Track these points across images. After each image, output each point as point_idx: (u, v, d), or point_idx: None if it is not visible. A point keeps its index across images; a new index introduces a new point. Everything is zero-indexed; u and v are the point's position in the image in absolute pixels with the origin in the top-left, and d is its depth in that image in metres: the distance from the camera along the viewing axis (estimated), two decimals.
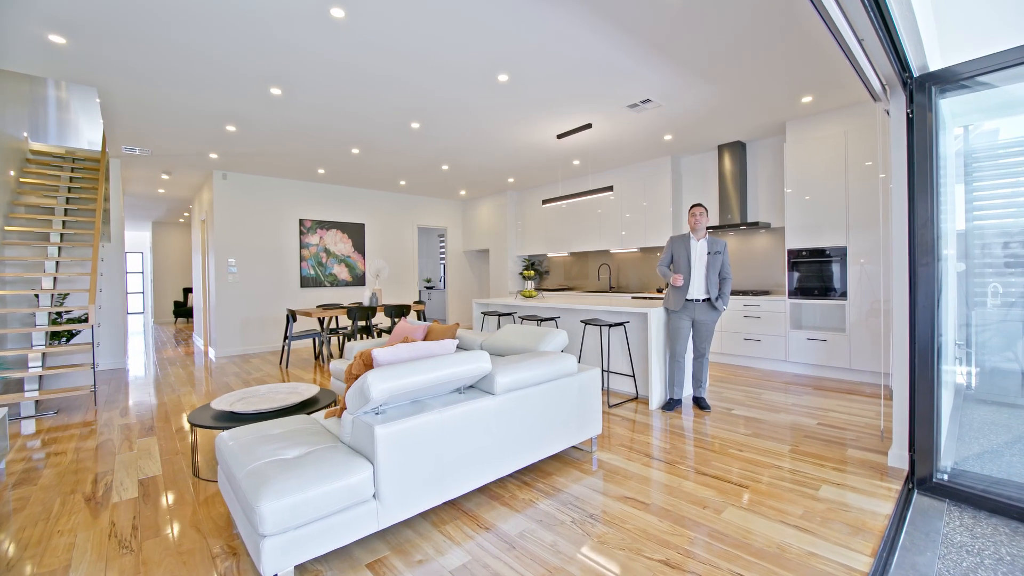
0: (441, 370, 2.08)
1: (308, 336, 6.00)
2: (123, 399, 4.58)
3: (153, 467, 2.90)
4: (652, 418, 3.60)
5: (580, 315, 4.67)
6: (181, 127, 4.85)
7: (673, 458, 2.81)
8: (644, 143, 5.73)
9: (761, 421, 3.46)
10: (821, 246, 4.80)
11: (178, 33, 3.07)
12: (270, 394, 3.22)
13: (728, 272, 3.71)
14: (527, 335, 3.10)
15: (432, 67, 3.59)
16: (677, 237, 3.82)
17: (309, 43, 3.22)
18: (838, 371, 4.74)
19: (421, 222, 9.19)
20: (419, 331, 3.63)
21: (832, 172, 4.71)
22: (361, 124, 4.85)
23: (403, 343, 2.41)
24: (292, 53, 3.35)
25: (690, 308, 3.71)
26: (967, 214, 3.30)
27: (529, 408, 2.42)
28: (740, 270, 5.93)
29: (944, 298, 2.64)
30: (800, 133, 4.94)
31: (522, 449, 2.40)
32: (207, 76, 3.69)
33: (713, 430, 3.29)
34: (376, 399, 1.89)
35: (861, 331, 4.53)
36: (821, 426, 3.33)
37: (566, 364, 2.65)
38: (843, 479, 2.50)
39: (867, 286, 4.50)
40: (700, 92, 4.16)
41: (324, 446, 2.01)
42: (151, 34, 3.08)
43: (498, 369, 2.34)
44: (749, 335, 5.32)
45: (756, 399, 4.04)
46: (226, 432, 2.27)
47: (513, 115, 4.65)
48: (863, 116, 4.52)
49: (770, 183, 5.62)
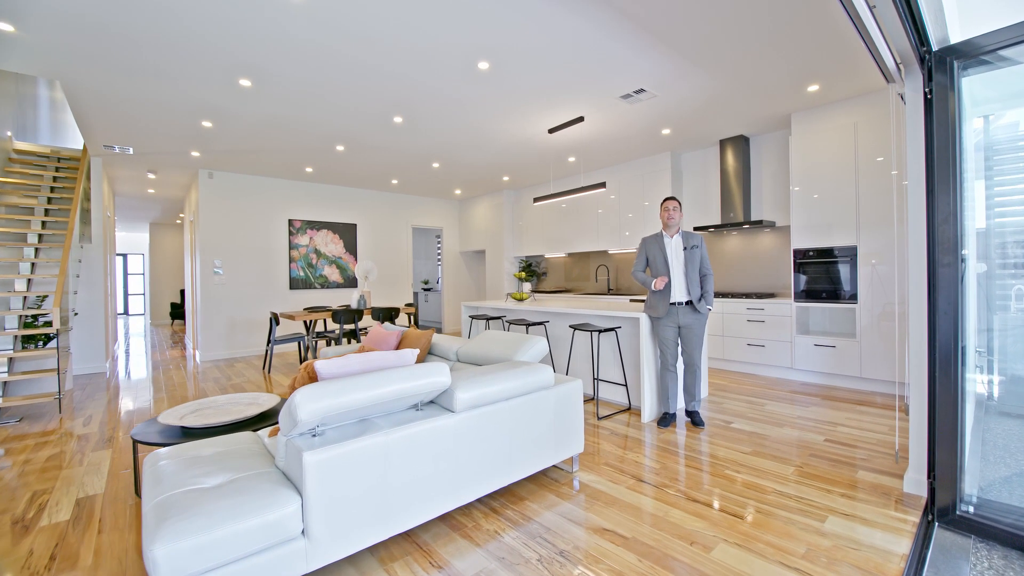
0: (387, 386, 1.83)
1: (292, 340, 5.79)
2: (93, 406, 4.39)
3: (97, 484, 2.68)
4: (644, 432, 3.32)
5: (570, 319, 4.40)
6: (155, 123, 4.65)
7: (663, 480, 2.54)
8: (641, 138, 5.45)
9: (763, 437, 3.16)
10: (829, 246, 4.49)
11: (137, 18, 2.85)
12: (228, 405, 2.98)
13: (708, 268, 3.42)
14: (505, 343, 2.84)
15: (407, 54, 3.35)
16: (649, 237, 3.54)
17: (275, 29, 2.99)
18: (848, 379, 4.42)
19: (416, 222, 8.97)
20: (392, 337, 3.38)
21: (841, 166, 4.40)
22: (341, 118, 4.63)
23: (355, 353, 2.17)
24: (259, 40, 3.12)
25: (674, 313, 3.42)
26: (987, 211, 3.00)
27: (496, 426, 2.16)
28: (743, 271, 5.62)
29: (967, 302, 2.34)
30: (806, 125, 4.64)
31: (488, 473, 2.14)
32: (173, 67, 3.48)
33: (710, 447, 3.01)
34: (305, 421, 1.64)
35: (873, 337, 4.22)
36: (829, 443, 3.03)
37: (541, 376, 2.39)
38: (852, 508, 2.20)
39: (880, 288, 4.19)
40: (696, 80, 3.88)
41: (254, 472, 1.77)
42: (108, 20, 2.86)
43: (458, 383, 2.08)
44: (752, 340, 5.02)
45: (758, 411, 3.75)
46: (163, 450, 2.04)
47: (499, 107, 4.39)
48: (874, 106, 4.21)
49: (775, 179, 5.31)
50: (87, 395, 4.87)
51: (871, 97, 4.23)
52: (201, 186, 6.63)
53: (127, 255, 16.01)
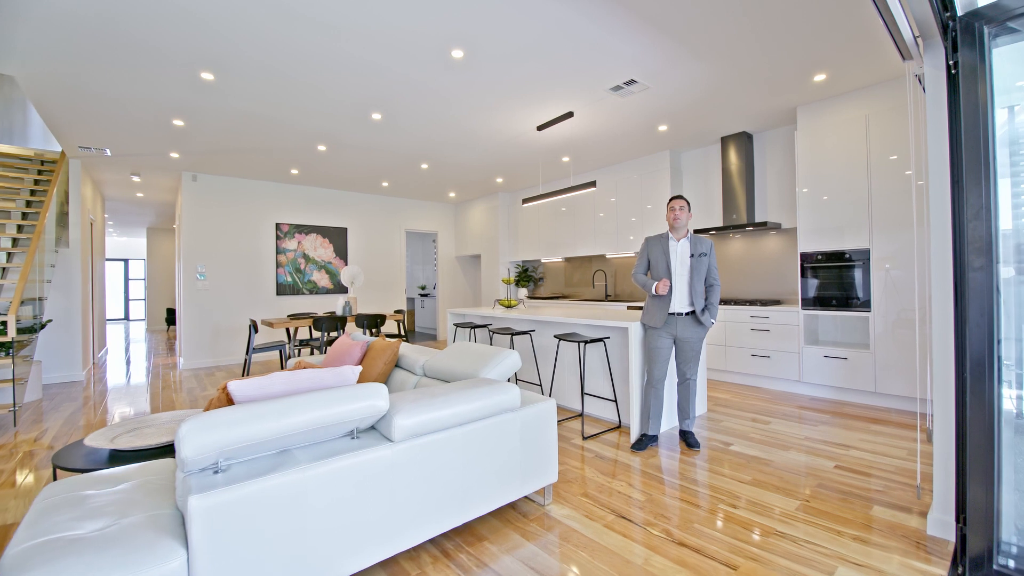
0: (302, 413, 1.54)
1: (273, 348, 5.54)
2: (54, 419, 4.15)
3: (15, 512, 2.42)
4: (632, 455, 2.99)
5: (556, 328, 4.09)
6: (123, 121, 4.45)
7: (647, 516, 2.22)
8: (637, 135, 5.15)
9: (765, 462, 2.83)
10: (840, 249, 4.14)
11: (86, 6, 2.62)
12: (171, 423, 2.72)
13: (716, 277, 3.09)
14: (472, 357, 2.54)
15: (377, 42, 3.09)
16: (653, 238, 3.22)
17: (233, 17, 2.75)
18: (861, 394, 4.05)
19: (409, 226, 8.72)
20: (357, 348, 3.10)
21: (852, 163, 4.06)
22: (316, 116, 4.38)
23: (281, 372, 1.89)
24: (217, 30, 2.88)
25: (672, 324, 3.09)
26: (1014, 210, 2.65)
27: (446, 457, 1.86)
28: (747, 276, 5.28)
29: (1001, 310, 2.01)
30: (813, 120, 4.31)
31: (436, 511, 1.84)
32: (128, 58, 3.25)
33: (705, 474, 2.68)
34: (193, 459, 1.36)
35: (888, 348, 3.86)
36: (840, 470, 2.68)
37: (504, 397, 2.09)
38: (867, 555, 1.87)
39: (895, 295, 3.83)
40: (691, 70, 3.58)
41: (144, 515, 1.48)
42: (55, 8, 2.64)
43: (399, 407, 1.79)
44: (757, 351, 4.67)
45: (762, 430, 3.40)
46: (62, 482, 1.77)
47: (481, 101, 4.12)
48: (887, 96, 3.87)
49: (780, 178, 4.98)
50: (53, 406, 4.64)
51: (884, 87, 3.89)
52: (184, 189, 6.44)
53: (128, 260, 16.00)
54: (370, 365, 2.97)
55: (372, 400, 1.70)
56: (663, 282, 3.02)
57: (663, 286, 3.01)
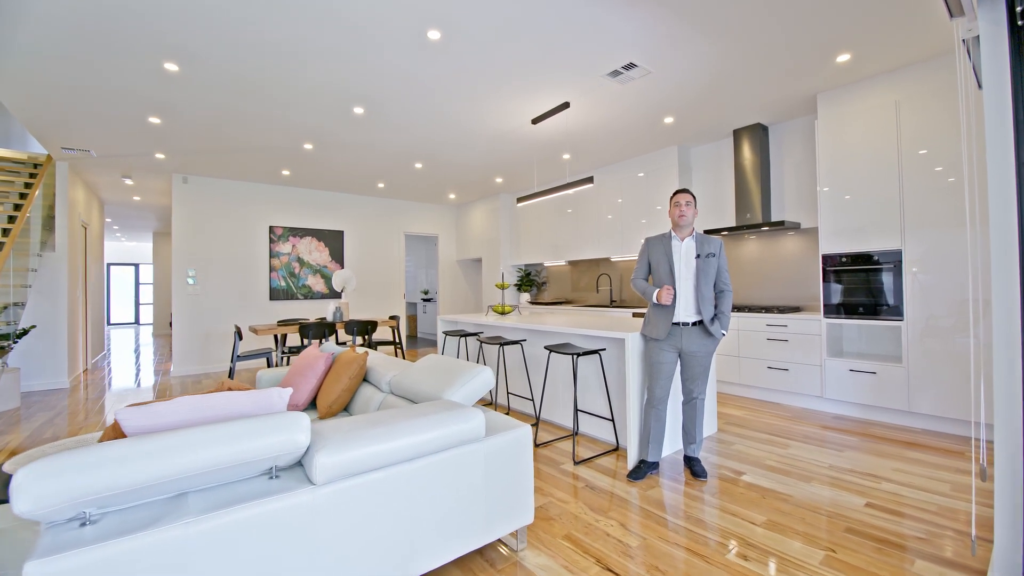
0: (199, 451, 1.23)
1: (260, 356, 5.29)
2: (23, 429, 3.95)
3: None
4: (628, 485, 2.63)
5: (548, 338, 3.74)
6: (98, 120, 4.24)
7: (638, 569, 1.86)
8: (641, 129, 4.78)
9: (782, 497, 2.44)
10: (867, 250, 3.72)
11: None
12: None
13: (727, 282, 2.70)
14: (438, 374, 2.22)
15: (342, 23, 2.80)
16: (654, 238, 2.84)
17: (190, 2, 2.49)
18: (892, 414, 3.62)
19: (409, 229, 8.46)
20: (322, 361, 2.80)
21: (880, 154, 3.64)
22: (295, 111, 4.12)
23: (190, 397, 1.59)
24: (175, 16, 2.63)
25: (676, 335, 2.71)
26: None
27: (387, 501, 1.54)
28: (763, 281, 4.86)
29: None
30: (836, 107, 3.90)
31: (375, 567, 1.51)
32: (85, 48, 3.03)
33: (712, 512, 2.30)
34: (35, 514, 1.06)
35: (923, 361, 3.42)
36: (872, 509, 2.28)
37: (464, 426, 1.75)
38: None
39: (933, 301, 3.39)
40: (698, 51, 3.22)
41: None
42: None
43: (324, 442, 1.46)
44: (774, 363, 4.25)
45: (779, 456, 3.01)
46: None
47: (467, 91, 3.81)
48: (922, 79, 3.45)
49: (799, 174, 4.56)
50: (29, 415, 4.45)
51: (917, 69, 3.47)
52: (175, 191, 6.27)
53: (139, 265, 16.11)
54: (334, 380, 2.66)
55: (288, 434, 1.38)
56: (666, 289, 2.64)
57: (666, 294, 2.63)
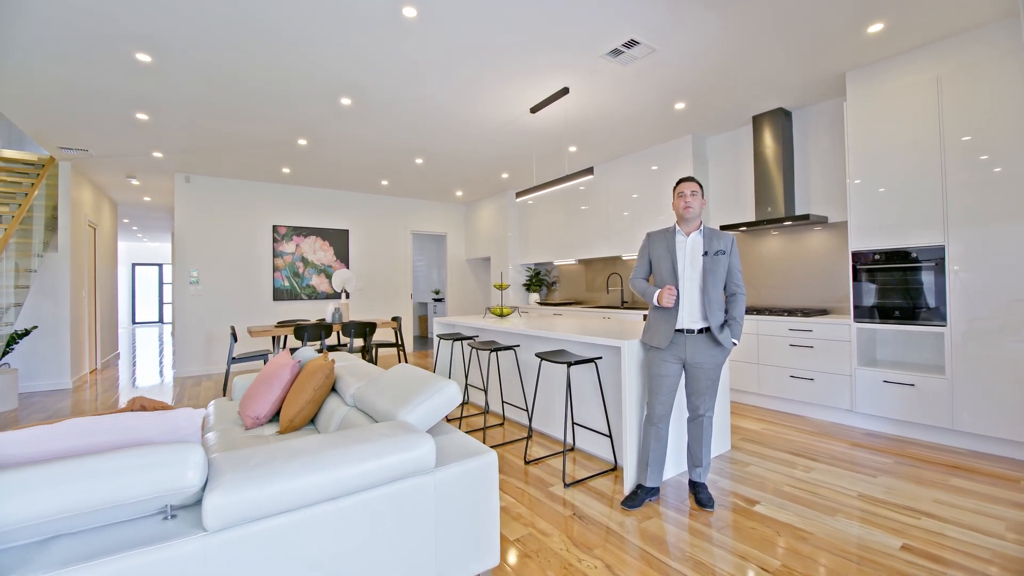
0: (66, 486, 1.00)
1: (256, 358, 5.17)
2: None
3: None
4: (624, 514, 2.32)
5: (540, 344, 3.45)
6: (86, 117, 4.15)
7: None
8: (650, 117, 4.43)
9: (802, 536, 2.09)
10: (904, 247, 3.30)
11: None
12: None
13: (739, 284, 2.36)
14: (397, 389, 1.96)
15: (314, 6, 2.58)
16: (656, 233, 2.50)
17: None
18: (933, 432, 3.19)
19: (416, 228, 8.27)
20: (287, 370, 2.58)
21: (919, 138, 3.22)
22: (281, 104, 3.94)
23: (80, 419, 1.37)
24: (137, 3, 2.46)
25: (680, 344, 2.38)
26: None
27: (298, 550, 1.28)
28: (786, 281, 4.45)
29: None
30: (867, 87, 3.48)
31: None
32: (50, 39, 2.89)
33: (716, 553, 1.98)
34: None
35: (971, 372, 2.99)
36: (908, 554, 1.92)
37: (408, 455, 1.48)
38: None
39: (981, 303, 2.96)
40: (707, 24, 2.87)
41: None
42: None
43: (222, 478, 1.22)
44: (797, 371, 3.85)
45: (799, 481, 2.64)
46: None
47: (456, 75, 3.55)
48: (968, 50, 3.02)
49: (826, 163, 4.14)
50: (25, 416, 4.42)
51: (962, 39, 3.04)
52: (177, 190, 6.22)
53: (162, 265, 16.49)
54: (298, 391, 2.43)
55: (173, 469, 1.14)
56: (667, 289, 2.31)
57: (667, 295, 2.31)
